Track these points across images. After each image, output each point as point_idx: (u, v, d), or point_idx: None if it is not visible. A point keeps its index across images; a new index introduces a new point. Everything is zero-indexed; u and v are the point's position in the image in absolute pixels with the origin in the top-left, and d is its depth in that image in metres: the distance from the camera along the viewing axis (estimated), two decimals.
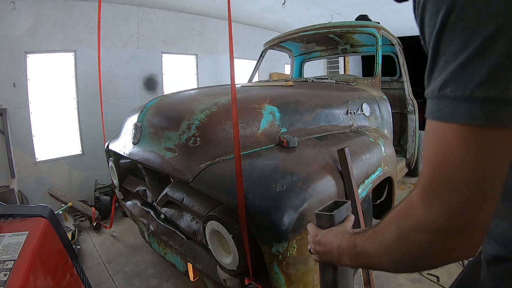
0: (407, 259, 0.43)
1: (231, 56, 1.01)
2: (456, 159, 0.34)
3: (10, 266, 0.81)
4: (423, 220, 0.38)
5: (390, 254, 0.45)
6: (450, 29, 0.32)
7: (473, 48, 0.30)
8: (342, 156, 1.25)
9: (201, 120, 1.29)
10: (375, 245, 0.47)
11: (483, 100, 0.31)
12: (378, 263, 0.47)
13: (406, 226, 0.41)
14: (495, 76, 0.30)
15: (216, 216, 1.04)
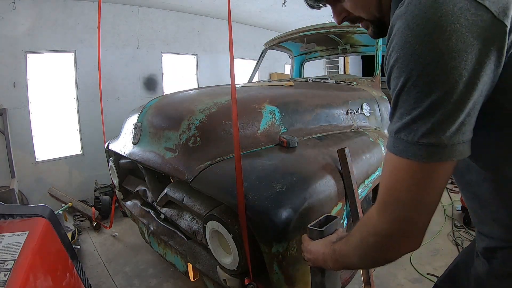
0: (368, 256, 0.57)
1: (231, 56, 1.01)
2: (403, 184, 0.47)
3: (10, 266, 0.81)
4: (375, 227, 0.52)
5: (356, 253, 0.59)
6: (407, 91, 0.43)
7: (422, 108, 0.42)
8: (342, 156, 1.25)
9: (201, 120, 1.29)
10: (346, 248, 0.63)
11: (426, 145, 0.42)
12: (351, 262, 0.62)
13: (365, 232, 0.56)
14: (436, 129, 0.41)
15: (216, 216, 1.04)
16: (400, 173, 0.46)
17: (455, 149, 0.42)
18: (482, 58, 0.39)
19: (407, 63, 0.42)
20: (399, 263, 2.01)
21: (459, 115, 0.40)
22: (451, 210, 2.81)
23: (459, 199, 2.80)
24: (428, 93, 0.41)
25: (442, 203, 2.96)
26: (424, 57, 0.40)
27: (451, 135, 0.41)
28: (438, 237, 2.33)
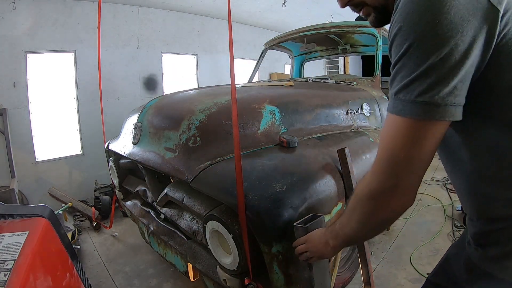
0: (365, 218, 0.60)
1: (231, 56, 1.01)
2: (397, 141, 0.51)
3: (10, 266, 0.81)
4: (369, 185, 0.57)
5: (354, 218, 0.62)
6: (408, 56, 0.48)
7: (419, 71, 0.47)
8: (342, 156, 1.25)
9: (201, 120, 1.29)
10: (345, 217, 0.66)
11: (421, 103, 0.47)
12: (350, 231, 0.64)
13: (359, 193, 0.60)
14: (430, 89, 0.46)
15: (216, 216, 1.04)
16: (396, 131, 0.51)
17: (447, 110, 0.47)
18: (475, 34, 0.44)
19: (409, 31, 0.47)
20: (399, 263, 2.01)
21: (452, 79, 0.45)
22: (451, 210, 2.81)
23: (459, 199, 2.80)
24: (426, 58, 0.46)
25: (442, 203, 2.96)
26: (425, 27, 0.45)
27: (444, 96, 0.46)
28: (438, 237, 2.33)
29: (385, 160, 0.53)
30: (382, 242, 2.29)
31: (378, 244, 2.26)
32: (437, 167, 4.27)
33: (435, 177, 3.75)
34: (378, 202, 0.56)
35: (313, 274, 0.89)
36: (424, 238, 2.32)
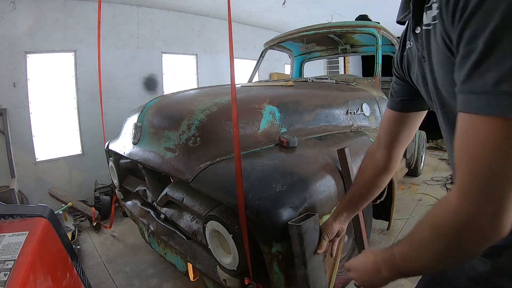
0: (446, 253, 0.45)
1: (231, 56, 1.01)
2: (500, 152, 0.36)
3: (10, 266, 0.81)
4: (457, 215, 0.42)
5: (430, 254, 0.47)
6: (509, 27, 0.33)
7: None
8: (342, 156, 1.25)
9: (201, 120, 1.29)
10: (413, 250, 0.51)
11: None
12: (420, 266, 0.51)
13: (441, 225, 0.45)
14: None
15: (216, 216, 1.04)
16: (502, 139, 0.36)
17: None
18: None
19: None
20: None
21: None
22: None
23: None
24: None
25: None
26: None
27: None
28: None
29: (479, 181, 0.39)
30: (382, 242, 2.29)
31: (378, 244, 2.26)
32: (437, 167, 4.27)
33: (435, 177, 3.75)
34: (471, 235, 0.42)
35: (308, 272, 0.90)
36: None
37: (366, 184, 0.85)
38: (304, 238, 0.91)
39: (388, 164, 0.80)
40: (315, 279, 0.92)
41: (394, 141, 0.77)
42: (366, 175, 0.84)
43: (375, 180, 0.83)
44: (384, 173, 0.82)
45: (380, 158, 0.81)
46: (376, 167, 0.82)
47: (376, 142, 0.83)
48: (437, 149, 5.33)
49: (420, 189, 3.39)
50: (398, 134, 0.76)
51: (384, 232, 2.42)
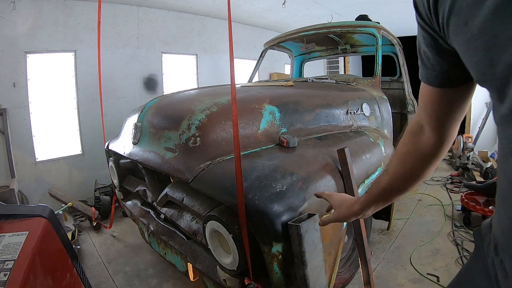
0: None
1: (231, 56, 1.01)
2: None
3: (10, 266, 0.81)
4: None
5: None
6: None
7: None
8: (342, 156, 1.25)
9: (201, 120, 1.29)
10: None
11: None
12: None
13: None
14: None
15: (216, 216, 1.04)
16: None
17: None
18: None
19: None
20: (399, 263, 2.01)
21: None
22: (451, 210, 2.81)
23: (459, 199, 2.80)
24: None
25: (442, 203, 2.97)
26: None
27: None
28: (438, 237, 2.32)
29: None
30: (382, 242, 2.29)
31: (378, 244, 2.26)
32: (437, 167, 4.27)
33: (435, 177, 3.75)
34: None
35: (308, 272, 0.90)
36: (424, 238, 2.32)
37: (408, 175, 0.67)
38: (304, 238, 0.91)
39: (439, 149, 0.62)
40: (315, 279, 0.93)
41: (444, 121, 0.59)
42: (409, 164, 0.66)
43: (421, 170, 0.66)
44: (434, 160, 0.65)
45: (427, 143, 0.62)
46: (423, 153, 0.64)
47: (416, 123, 0.64)
48: None
49: (420, 189, 3.39)
50: (448, 113, 0.57)
51: (384, 232, 2.42)
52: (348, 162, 1.23)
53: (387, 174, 0.69)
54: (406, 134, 0.67)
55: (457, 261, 1.99)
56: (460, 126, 0.62)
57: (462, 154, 4.03)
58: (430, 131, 0.61)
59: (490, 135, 4.73)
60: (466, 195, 2.66)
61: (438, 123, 0.59)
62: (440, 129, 0.60)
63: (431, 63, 0.52)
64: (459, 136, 4.23)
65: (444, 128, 0.60)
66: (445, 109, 0.57)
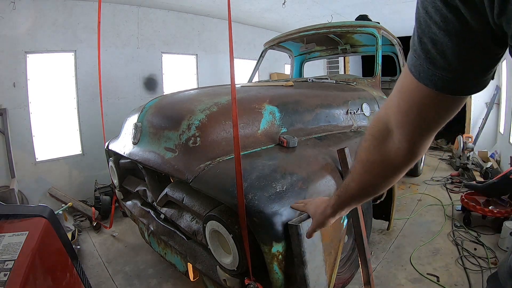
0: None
1: (231, 56, 1.01)
2: None
3: (10, 266, 0.81)
4: None
5: None
6: None
7: None
8: (342, 156, 1.25)
9: (201, 120, 1.29)
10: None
11: None
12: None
13: None
14: None
15: (216, 216, 1.04)
16: None
17: None
18: None
19: None
20: (399, 263, 2.01)
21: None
22: (451, 210, 2.81)
23: (459, 199, 2.80)
24: None
25: (442, 203, 2.96)
26: None
27: None
28: (438, 237, 2.32)
29: None
30: (382, 242, 2.29)
31: (378, 244, 2.26)
32: (437, 167, 4.27)
33: (435, 177, 3.75)
34: None
35: (308, 272, 0.90)
36: (424, 238, 2.32)
37: (377, 184, 0.60)
38: (304, 238, 0.91)
39: (408, 162, 0.53)
40: (315, 279, 0.93)
41: (428, 132, 0.48)
42: (376, 174, 0.58)
43: (391, 179, 0.58)
44: (403, 171, 0.56)
45: (396, 153, 0.52)
46: (391, 165, 0.54)
47: (384, 125, 0.52)
48: (437, 149, 5.33)
49: (420, 189, 3.39)
50: (438, 123, 0.46)
51: (384, 232, 2.42)
52: (348, 162, 1.23)
53: (353, 181, 0.62)
54: (370, 138, 0.55)
55: (457, 261, 1.99)
56: (460, 126, 0.58)
57: (462, 154, 4.03)
58: (403, 140, 0.49)
59: (490, 135, 4.73)
60: (466, 195, 2.66)
61: (419, 133, 0.47)
62: (419, 140, 0.48)
63: (449, 61, 0.37)
64: (459, 136, 4.23)
65: (423, 140, 0.49)
66: (437, 119, 0.45)
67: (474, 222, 2.47)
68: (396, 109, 0.48)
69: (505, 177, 2.46)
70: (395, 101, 0.48)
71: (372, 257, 2.08)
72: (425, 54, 0.39)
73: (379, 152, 0.54)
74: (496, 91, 4.61)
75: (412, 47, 0.42)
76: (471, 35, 0.35)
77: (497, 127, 4.67)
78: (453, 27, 0.34)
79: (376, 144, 0.54)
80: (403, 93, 0.46)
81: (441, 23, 0.35)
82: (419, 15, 0.39)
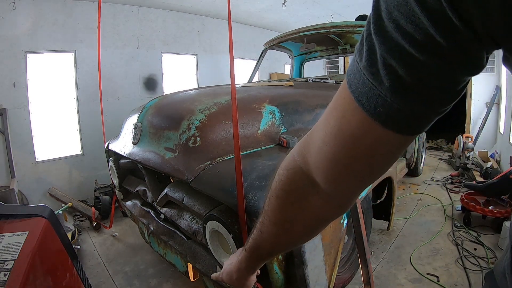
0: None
1: (231, 56, 1.01)
2: None
3: (10, 266, 0.81)
4: None
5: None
6: None
7: None
8: None
9: (201, 120, 1.29)
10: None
11: None
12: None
13: None
14: None
15: (216, 216, 1.04)
16: None
17: None
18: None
19: None
20: (399, 263, 2.01)
21: None
22: (451, 210, 2.81)
23: (459, 199, 2.80)
24: None
25: (442, 203, 2.97)
26: None
27: None
28: (438, 237, 2.33)
29: None
30: (382, 242, 2.29)
31: (378, 244, 2.26)
32: (437, 167, 4.27)
33: (435, 177, 3.75)
34: None
35: (308, 272, 0.90)
36: (424, 238, 2.32)
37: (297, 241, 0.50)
38: None
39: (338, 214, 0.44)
40: (315, 279, 0.93)
41: (370, 182, 0.37)
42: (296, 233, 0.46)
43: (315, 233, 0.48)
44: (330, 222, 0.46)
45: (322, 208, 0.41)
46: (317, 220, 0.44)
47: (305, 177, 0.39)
48: (437, 149, 5.33)
49: (420, 189, 3.39)
50: (381, 171, 0.35)
51: (384, 232, 2.42)
52: None
53: (267, 242, 0.49)
54: (283, 195, 0.42)
55: (457, 261, 1.99)
56: (460, 126, 0.52)
57: (462, 154, 4.03)
58: (336, 196, 0.39)
59: (490, 135, 4.73)
60: (466, 195, 2.67)
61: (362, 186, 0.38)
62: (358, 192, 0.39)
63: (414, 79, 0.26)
64: (459, 136, 4.23)
65: (362, 190, 0.39)
66: (383, 166, 0.34)
67: (474, 222, 2.47)
68: (325, 157, 0.35)
69: (505, 177, 2.47)
70: (323, 144, 0.35)
71: (372, 257, 2.08)
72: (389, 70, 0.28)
73: (299, 210, 0.42)
74: (496, 91, 4.61)
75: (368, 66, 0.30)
76: None
77: (497, 127, 4.67)
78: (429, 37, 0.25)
79: (294, 202, 0.42)
80: (343, 131, 0.32)
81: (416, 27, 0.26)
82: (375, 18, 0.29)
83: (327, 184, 0.37)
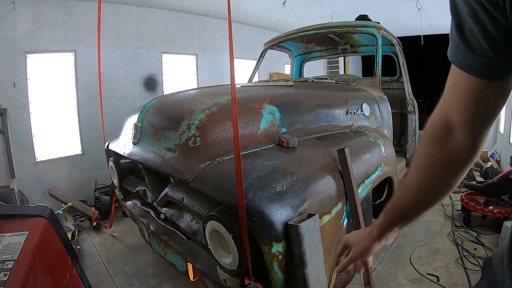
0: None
1: (231, 56, 1.01)
2: None
3: (10, 266, 0.81)
4: None
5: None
6: None
7: None
8: (342, 156, 1.25)
9: (201, 120, 1.29)
10: None
11: None
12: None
13: None
14: None
15: (216, 216, 1.04)
16: None
17: None
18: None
19: None
20: (399, 263, 2.01)
21: None
22: (451, 210, 2.81)
23: (459, 199, 2.80)
24: None
25: (442, 203, 2.96)
26: None
27: None
28: (438, 237, 2.33)
29: None
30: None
31: None
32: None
33: None
34: None
35: (308, 272, 0.90)
36: (424, 238, 2.32)
37: (439, 190, 0.57)
38: (304, 238, 0.91)
39: (473, 154, 0.52)
40: (315, 279, 0.93)
41: (487, 122, 0.49)
42: (439, 178, 0.55)
43: (454, 180, 0.55)
44: (467, 167, 0.54)
45: (459, 150, 0.51)
46: (455, 163, 0.53)
47: (443, 124, 0.52)
48: None
49: None
50: (494, 112, 0.48)
51: None
52: (348, 162, 1.23)
53: (408, 192, 0.58)
54: (429, 142, 0.54)
55: (457, 261, 1.99)
56: None
57: None
58: (466, 135, 0.49)
59: (490, 135, 4.72)
60: (466, 195, 2.67)
61: (479, 125, 0.48)
62: (479, 131, 0.49)
63: (483, 46, 0.40)
64: None
65: (483, 130, 0.49)
66: (491, 108, 0.47)
67: (474, 222, 2.47)
68: (453, 107, 0.50)
69: (505, 177, 2.47)
70: (450, 100, 0.50)
71: (372, 257, 2.08)
72: (463, 41, 0.43)
73: (442, 153, 0.53)
74: None
75: (451, 38, 0.45)
76: (495, 24, 0.38)
77: (497, 127, 4.67)
78: (480, 15, 0.39)
79: (438, 146, 0.53)
80: (456, 89, 0.48)
81: (470, 12, 0.40)
82: (456, 7, 0.42)
83: (458, 126, 0.50)
